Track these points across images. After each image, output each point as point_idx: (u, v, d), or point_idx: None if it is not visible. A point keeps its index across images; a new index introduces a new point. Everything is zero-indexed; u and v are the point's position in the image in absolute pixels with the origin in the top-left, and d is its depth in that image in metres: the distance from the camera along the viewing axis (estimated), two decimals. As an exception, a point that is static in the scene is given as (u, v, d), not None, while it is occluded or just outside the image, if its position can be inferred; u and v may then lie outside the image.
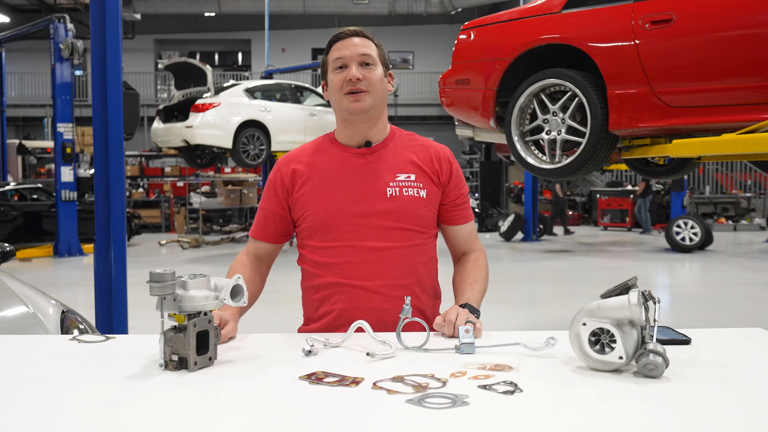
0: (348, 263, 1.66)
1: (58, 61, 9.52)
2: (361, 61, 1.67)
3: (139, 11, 18.75)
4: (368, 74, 1.67)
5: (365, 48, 1.68)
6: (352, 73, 1.65)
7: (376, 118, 1.72)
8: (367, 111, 1.68)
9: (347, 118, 1.71)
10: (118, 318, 3.76)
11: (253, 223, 1.83)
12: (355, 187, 1.68)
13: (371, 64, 1.68)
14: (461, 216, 1.79)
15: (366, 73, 1.66)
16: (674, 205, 12.26)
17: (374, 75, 1.68)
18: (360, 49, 1.67)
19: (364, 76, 1.66)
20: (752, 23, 3.31)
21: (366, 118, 1.70)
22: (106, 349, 1.43)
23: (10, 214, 10.39)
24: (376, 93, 1.68)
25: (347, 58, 1.66)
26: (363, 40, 1.69)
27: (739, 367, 1.27)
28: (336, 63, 1.68)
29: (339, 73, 1.68)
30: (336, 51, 1.69)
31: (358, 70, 1.65)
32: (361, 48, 1.67)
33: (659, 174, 4.57)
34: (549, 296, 7.13)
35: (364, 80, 1.66)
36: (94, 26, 3.74)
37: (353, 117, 1.69)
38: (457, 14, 20.07)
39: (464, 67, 4.38)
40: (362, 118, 1.69)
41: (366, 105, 1.67)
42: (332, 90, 1.70)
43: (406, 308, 1.46)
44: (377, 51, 1.71)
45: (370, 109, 1.68)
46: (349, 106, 1.67)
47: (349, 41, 1.68)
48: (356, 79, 1.65)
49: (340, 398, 1.08)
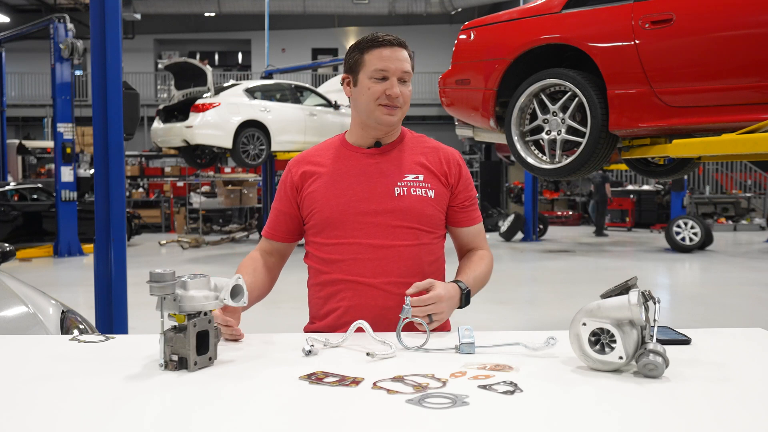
0: (354, 260, 1.67)
1: (58, 61, 9.52)
2: (402, 77, 1.69)
3: (139, 11, 18.75)
4: (405, 91, 1.71)
5: (407, 64, 1.71)
6: (395, 90, 1.67)
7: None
8: (395, 124, 1.73)
9: (370, 124, 1.73)
10: (118, 318, 3.76)
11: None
12: (363, 186, 1.70)
13: (408, 81, 1.71)
14: (469, 218, 1.80)
15: (403, 90, 1.70)
16: (674, 205, 12.26)
17: (408, 91, 1.73)
18: (404, 65, 1.69)
19: (402, 93, 1.69)
20: (752, 23, 3.31)
21: (389, 128, 1.74)
22: (106, 349, 1.43)
23: (10, 214, 10.39)
24: (406, 108, 1.73)
25: (391, 71, 1.68)
26: (405, 52, 1.71)
27: (739, 367, 1.27)
28: (377, 73, 1.68)
29: (378, 83, 1.68)
30: (380, 60, 1.68)
31: (398, 87, 1.68)
32: (405, 64, 1.70)
33: (659, 174, 4.57)
34: (549, 296, 7.13)
35: (401, 96, 1.69)
36: (94, 26, 3.74)
37: (379, 126, 1.72)
38: (457, 14, 20.07)
39: (464, 67, 4.38)
40: (387, 128, 1.73)
41: (396, 119, 1.72)
42: (364, 95, 1.70)
43: (406, 308, 1.46)
44: (411, 63, 1.74)
45: (398, 122, 1.74)
46: (381, 117, 1.70)
47: (396, 53, 1.69)
48: (396, 96, 1.68)
49: (340, 398, 1.08)
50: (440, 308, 1.53)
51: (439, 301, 1.53)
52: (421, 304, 1.50)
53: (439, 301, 1.53)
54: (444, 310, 1.54)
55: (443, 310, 1.54)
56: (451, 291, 1.60)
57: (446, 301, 1.55)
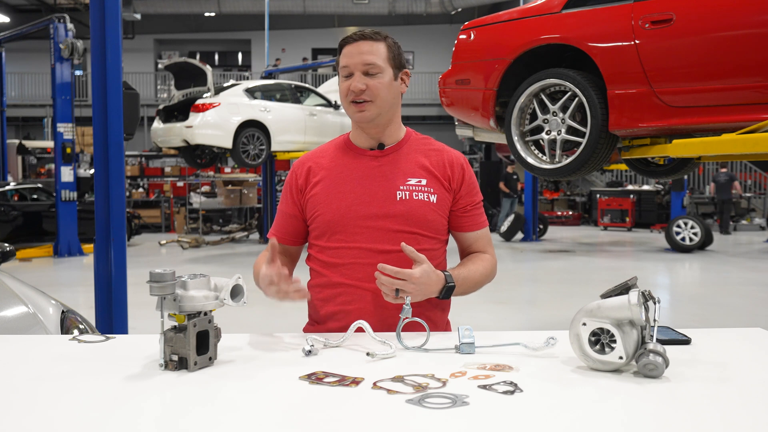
0: (355, 264, 1.66)
1: (58, 61, 9.52)
2: (365, 70, 1.65)
3: (139, 11, 18.76)
4: (372, 83, 1.65)
5: (371, 55, 1.65)
6: (354, 84, 1.64)
7: (386, 123, 1.72)
8: (372, 120, 1.68)
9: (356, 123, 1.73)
10: (118, 318, 3.76)
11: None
12: (365, 189, 1.68)
13: (376, 73, 1.65)
14: (472, 222, 1.77)
15: (370, 83, 1.65)
16: (674, 205, 12.26)
17: (378, 83, 1.65)
18: (365, 57, 1.64)
19: (368, 86, 1.64)
20: (752, 23, 3.31)
21: (373, 125, 1.70)
22: (106, 349, 1.43)
23: (10, 214, 10.39)
24: (381, 101, 1.66)
25: (352, 66, 1.66)
26: (371, 44, 1.66)
27: (739, 367, 1.27)
28: (343, 71, 1.68)
29: (345, 81, 1.68)
30: (343, 57, 1.68)
31: (362, 80, 1.64)
32: (366, 56, 1.64)
33: (659, 174, 4.57)
34: (549, 296, 7.13)
35: (368, 90, 1.64)
36: (94, 26, 3.74)
37: (361, 123, 1.70)
38: (457, 14, 20.07)
39: (464, 67, 4.38)
40: (369, 125, 1.70)
41: (369, 114, 1.66)
42: (341, 95, 1.71)
43: (406, 308, 1.46)
44: (386, 54, 1.67)
45: (375, 117, 1.68)
46: (353, 115, 1.69)
47: (356, 47, 1.66)
48: (359, 90, 1.64)
49: (340, 398, 1.08)
50: (408, 288, 1.50)
51: (410, 280, 1.50)
52: (391, 275, 1.49)
53: (410, 280, 1.50)
54: (412, 292, 1.51)
55: (411, 291, 1.50)
56: (431, 278, 1.56)
57: (418, 285, 1.52)
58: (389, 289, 1.50)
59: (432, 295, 1.60)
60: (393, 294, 1.51)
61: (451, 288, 1.62)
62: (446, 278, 1.61)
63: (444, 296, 1.63)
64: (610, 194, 15.61)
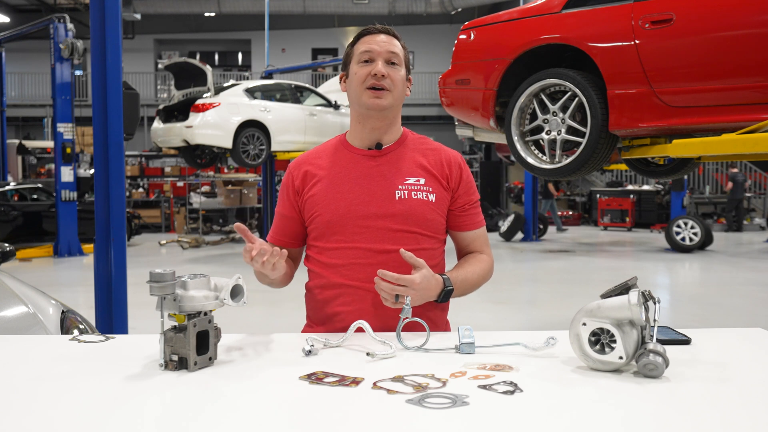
0: (354, 265, 1.66)
1: (58, 61, 9.52)
2: (388, 59, 1.67)
3: (139, 11, 18.75)
4: (393, 73, 1.67)
5: (395, 48, 1.69)
6: (378, 68, 1.65)
7: (392, 119, 1.73)
8: (385, 109, 1.68)
9: (363, 113, 1.70)
10: (118, 318, 3.76)
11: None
12: (364, 189, 1.68)
13: (396, 64, 1.68)
14: (470, 222, 1.77)
15: (391, 72, 1.67)
16: (674, 205, 12.27)
17: (398, 75, 1.68)
18: (389, 47, 1.68)
19: (389, 74, 1.66)
20: (752, 23, 3.31)
21: (382, 116, 1.70)
22: (106, 349, 1.43)
23: (10, 214, 10.39)
24: (397, 93, 1.69)
25: (375, 52, 1.67)
26: (392, 39, 1.70)
27: (739, 367, 1.27)
28: (363, 56, 1.67)
29: (364, 66, 1.67)
30: (364, 44, 1.68)
31: (384, 67, 1.66)
32: (390, 46, 1.68)
33: (659, 174, 4.57)
34: (549, 296, 7.13)
35: (388, 78, 1.66)
36: (94, 26, 3.74)
37: (370, 113, 1.68)
38: (457, 14, 20.07)
39: (464, 67, 4.38)
40: (378, 115, 1.69)
41: (385, 103, 1.67)
42: (353, 82, 1.69)
43: (406, 308, 1.46)
44: (403, 53, 1.71)
45: (388, 108, 1.68)
46: (368, 101, 1.67)
47: (379, 37, 1.69)
48: (381, 75, 1.65)
49: (340, 398, 1.08)
50: (408, 294, 1.50)
51: (411, 286, 1.51)
52: (392, 282, 1.50)
53: (411, 286, 1.51)
54: (413, 297, 1.52)
55: (412, 297, 1.51)
56: (431, 283, 1.57)
57: (419, 290, 1.53)
58: (389, 295, 1.51)
59: (431, 299, 1.61)
60: (393, 299, 1.51)
61: (450, 292, 1.64)
62: (444, 282, 1.62)
63: (442, 300, 1.64)
64: (610, 194, 15.61)
